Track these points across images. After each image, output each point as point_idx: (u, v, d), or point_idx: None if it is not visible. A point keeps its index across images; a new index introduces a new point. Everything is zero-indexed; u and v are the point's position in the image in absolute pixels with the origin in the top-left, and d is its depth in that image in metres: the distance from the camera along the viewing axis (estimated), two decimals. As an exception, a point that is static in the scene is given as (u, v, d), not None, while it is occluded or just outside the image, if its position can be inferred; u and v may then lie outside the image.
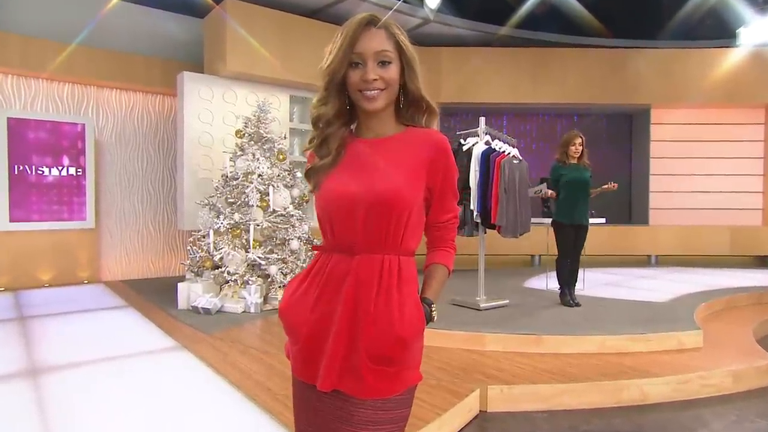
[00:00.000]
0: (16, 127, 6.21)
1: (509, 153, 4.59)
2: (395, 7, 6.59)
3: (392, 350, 1.14)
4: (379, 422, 1.13)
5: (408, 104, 1.25)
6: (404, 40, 1.23)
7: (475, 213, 4.50)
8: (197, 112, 6.24)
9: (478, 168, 4.47)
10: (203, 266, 5.26)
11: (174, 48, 7.08)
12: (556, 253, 4.86)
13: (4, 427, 2.50)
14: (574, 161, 4.72)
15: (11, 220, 6.19)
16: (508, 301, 4.77)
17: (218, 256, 5.14)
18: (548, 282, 5.74)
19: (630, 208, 9.43)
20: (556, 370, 3.32)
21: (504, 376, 3.20)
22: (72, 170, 6.52)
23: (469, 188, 4.50)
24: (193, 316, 4.74)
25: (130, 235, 7.15)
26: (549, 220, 5.44)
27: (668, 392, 3.23)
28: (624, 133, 9.48)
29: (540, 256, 8.12)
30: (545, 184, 4.90)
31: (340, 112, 1.22)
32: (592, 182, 4.76)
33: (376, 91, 1.17)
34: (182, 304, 5.09)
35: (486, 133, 4.69)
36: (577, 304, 4.72)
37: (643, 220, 8.84)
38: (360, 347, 1.12)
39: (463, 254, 7.18)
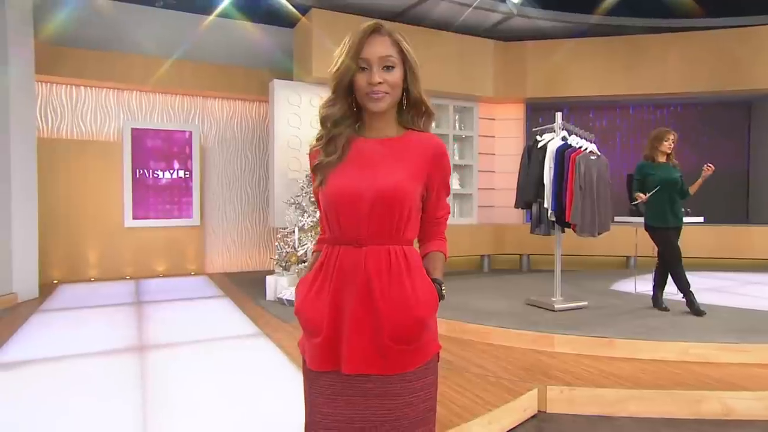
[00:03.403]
0: (138, 136, 7.12)
1: (586, 149, 4.40)
2: (475, 4, 6.56)
3: (413, 330, 1.25)
4: (412, 391, 1.25)
5: (409, 107, 1.35)
6: (407, 47, 1.31)
7: (549, 211, 4.38)
8: (286, 117, 6.69)
9: (552, 165, 4.34)
10: (289, 261, 5.65)
11: (269, 57, 7.64)
12: (665, 261, 4.38)
13: (114, 392, 2.95)
14: (663, 159, 4.39)
15: (133, 218, 7.10)
16: (586, 302, 4.57)
17: (302, 251, 5.50)
18: (637, 285, 5.39)
19: (747, 206, 8.47)
20: (626, 375, 3.15)
21: (567, 377, 3.11)
22: (181, 173, 7.34)
23: (544, 185, 4.39)
24: (278, 307, 5.13)
25: (230, 232, 7.85)
26: (636, 219, 5.13)
27: (759, 409, 2.93)
28: (739, 123, 8.52)
29: (635, 257, 7.59)
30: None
31: (346, 113, 1.32)
32: (684, 180, 4.36)
33: (381, 94, 1.27)
34: (270, 295, 5.52)
35: (562, 129, 4.53)
36: (666, 309, 4.40)
37: (763, 219, 7.90)
38: (382, 331, 1.23)
39: (543, 254, 6.91)
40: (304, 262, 5.55)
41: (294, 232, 5.69)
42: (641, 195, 4.23)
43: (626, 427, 2.79)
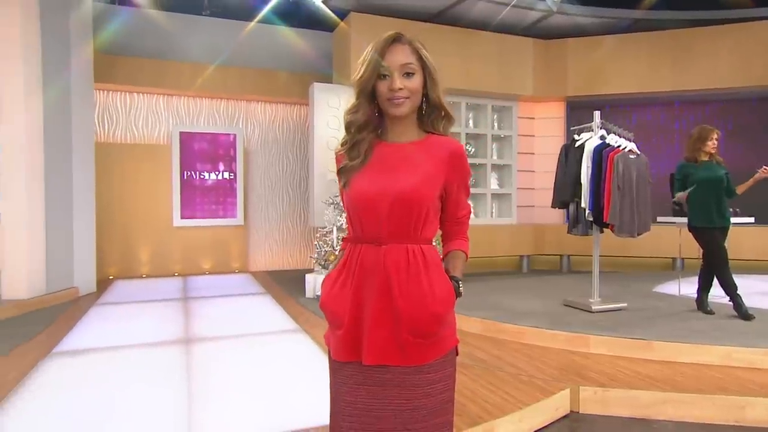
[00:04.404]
0: (185, 140, 7.46)
1: (625, 147, 4.31)
2: (513, 2, 6.51)
3: (429, 325, 1.31)
4: (429, 383, 1.31)
5: (429, 111, 1.41)
6: (426, 54, 1.38)
7: (587, 211, 4.33)
8: (326, 119, 6.84)
9: (590, 164, 4.29)
10: (328, 260, 5.80)
11: (309, 61, 7.84)
12: (711, 263, 4.26)
13: (162, 380, 3.15)
14: (706, 158, 4.24)
15: (181, 218, 7.45)
16: (626, 304, 4.48)
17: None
18: (681, 287, 5.22)
19: (807, 206, 8.00)
20: (662, 378, 3.09)
21: (601, 378, 3.08)
22: (226, 175, 7.64)
23: (581, 185, 4.34)
24: (317, 304, 5.23)
25: (272, 232, 8.11)
26: (679, 219, 4.98)
27: (808, 416, 2.82)
28: (798, 119, 8.06)
29: (683, 259, 7.32)
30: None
31: (369, 119, 1.39)
32: (730, 178, 4.20)
33: (401, 99, 1.34)
34: (309, 293, 5.69)
35: (601, 127, 4.46)
36: (711, 312, 4.26)
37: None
38: (401, 325, 1.30)
39: (584, 255, 6.74)
40: (343, 260, 5.68)
41: (332, 231, 5.83)
42: (680, 194, 4.12)
43: (662, 431, 2.75)
